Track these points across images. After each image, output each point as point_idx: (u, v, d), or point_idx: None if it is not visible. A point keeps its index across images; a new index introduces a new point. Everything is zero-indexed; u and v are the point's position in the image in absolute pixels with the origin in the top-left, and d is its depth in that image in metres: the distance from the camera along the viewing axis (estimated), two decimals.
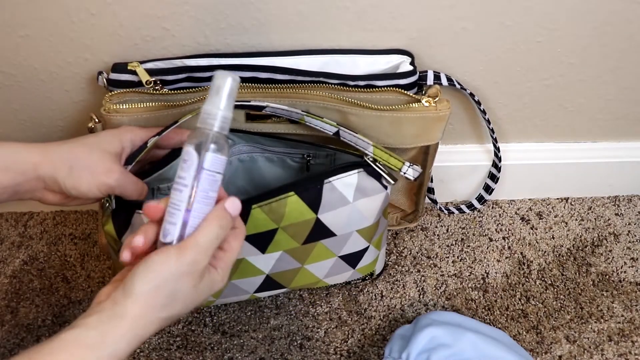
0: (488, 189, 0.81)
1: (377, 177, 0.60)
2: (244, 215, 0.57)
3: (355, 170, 0.59)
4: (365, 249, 0.66)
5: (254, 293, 0.68)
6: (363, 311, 0.75)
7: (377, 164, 0.59)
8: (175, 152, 0.61)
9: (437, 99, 0.62)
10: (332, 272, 0.68)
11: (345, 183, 0.59)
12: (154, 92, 0.61)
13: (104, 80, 0.62)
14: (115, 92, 0.61)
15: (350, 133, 0.59)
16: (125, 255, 0.45)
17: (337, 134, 0.60)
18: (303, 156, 0.67)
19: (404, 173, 0.60)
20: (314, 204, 0.58)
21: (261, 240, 0.60)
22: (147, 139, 0.56)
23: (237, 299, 0.69)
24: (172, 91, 0.61)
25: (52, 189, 0.52)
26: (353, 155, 0.62)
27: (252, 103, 0.58)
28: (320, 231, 0.61)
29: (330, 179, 0.58)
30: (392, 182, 0.60)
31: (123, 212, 0.56)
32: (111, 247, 0.59)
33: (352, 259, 0.67)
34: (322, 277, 0.68)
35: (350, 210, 0.60)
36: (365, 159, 0.59)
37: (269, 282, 0.66)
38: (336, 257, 0.65)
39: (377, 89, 0.62)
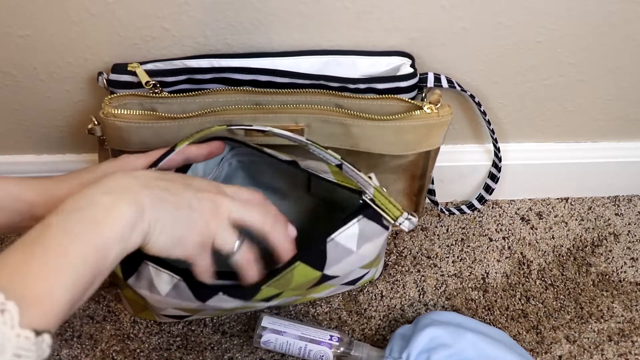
0: (488, 189, 0.81)
1: (378, 219, 0.57)
2: (252, 294, 0.56)
3: (355, 220, 0.56)
4: (367, 272, 0.67)
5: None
6: (363, 311, 0.75)
7: (375, 204, 0.57)
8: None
9: (438, 105, 0.62)
10: (333, 292, 0.69)
11: (348, 235, 0.57)
12: (154, 95, 0.61)
13: (104, 81, 0.62)
14: (115, 95, 0.61)
15: (352, 169, 0.57)
16: None
17: (340, 166, 0.57)
18: (304, 179, 0.67)
19: (400, 224, 0.57)
20: (319, 264, 0.57)
21: (266, 301, 0.59)
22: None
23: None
24: (172, 94, 0.61)
25: None
26: (349, 191, 0.59)
27: (254, 127, 0.57)
28: (325, 280, 0.60)
29: (333, 236, 0.56)
30: (392, 221, 0.57)
31: (131, 257, 0.51)
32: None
33: (354, 282, 0.67)
34: (324, 297, 0.70)
35: (355, 257, 0.59)
36: (364, 197, 0.57)
37: (273, 306, 0.68)
38: (338, 285, 0.66)
39: (377, 97, 0.62)
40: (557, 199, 0.87)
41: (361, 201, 0.57)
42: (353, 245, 0.57)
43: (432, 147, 0.65)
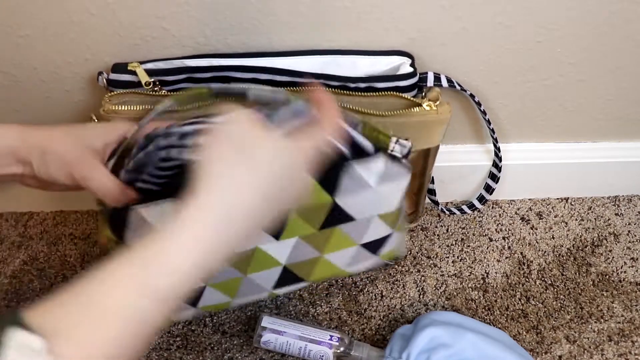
0: (489, 189, 0.81)
1: (399, 159, 0.54)
2: None
3: (381, 157, 0.53)
4: (389, 235, 0.62)
5: (272, 290, 0.63)
6: (363, 311, 0.75)
7: (399, 140, 0.53)
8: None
9: (437, 102, 0.62)
10: (354, 262, 0.63)
11: (370, 168, 0.53)
12: (154, 93, 0.61)
13: (104, 80, 0.62)
14: (115, 92, 0.61)
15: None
16: None
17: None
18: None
19: (392, 150, 0.54)
20: (332, 186, 0.53)
21: (274, 225, 0.54)
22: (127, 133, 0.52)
23: (255, 297, 0.64)
24: (172, 93, 0.61)
25: (30, 174, 0.50)
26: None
27: (233, 86, 0.53)
28: (337, 215, 0.56)
29: (352, 162, 0.52)
30: (387, 148, 0.53)
31: (117, 211, 0.52)
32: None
33: (375, 246, 0.62)
34: (343, 267, 0.63)
35: (372, 194, 0.55)
36: (391, 144, 0.53)
37: (288, 276, 0.61)
38: (357, 246, 0.61)
39: (378, 93, 0.62)
40: (557, 199, 0.87)
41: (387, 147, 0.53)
42: (372, 180, 0.54)
43: (432, 144, 0.65)
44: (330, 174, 0.52)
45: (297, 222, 0.56)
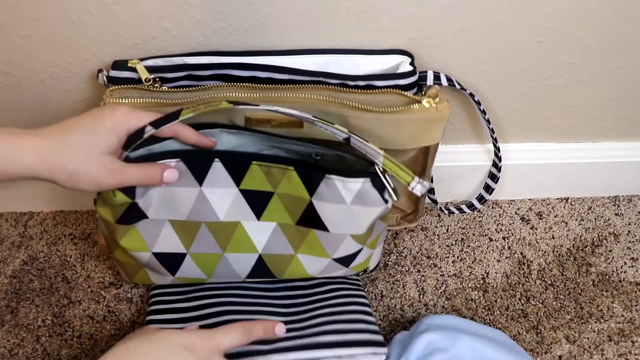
0: (488, 189, 0.81)
1: (381, 190, 0.58)
2: (243, 168, 0.58)
3: (361, 179, 0.57)
4: (359, 250, 0.66)
5: (245, 279, 0.67)
6: None
7: (386, 175, 0.58)
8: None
9: (437, 99, 0.62)
10: (324, 272, 0.67)
11: (347, 186, 0.58)
12: (154, 89, 0.61)
13: (104, 78, 0.62)
14: (116, 87, 0.61)
15: (360, 140, 0.57)
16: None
17: (347, 139, 0.58)
18: (311, 155, 0.65)
19: (412, 189, 0.58)
20: (310, 187, 0.59)
21: (257, 201, 0.60)
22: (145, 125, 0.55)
23: (228, 279, 0.68)
24: (172, 89, 0.61)
25: (52, 182, 0.52)
26: (362, 160, 0.60)
27: (261, 107, 0.56)
28: (313, 218, 0.60)
29: (333, 176, 0.57)
30: (395, 198, 0.59)
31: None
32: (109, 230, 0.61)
33: (346, 260, 0.67)
34: (314, 274, 0.67)
35: (345, 210, 0.59)
36: (375, 168, 0.58)
37: (261, 267, 0.65)
38: (330, 259, 0.65)
39: (377, 90, 0.62)
40: (557, 199, 0.87)
41: (373, 169, 0.58)
42: (348, 197, 0.58)
43: (431, 142, 0.65)
44: (312, 177, 0.58)
45: (277, 206, 0.60)
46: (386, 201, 0.59)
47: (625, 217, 0.85)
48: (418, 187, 0.57)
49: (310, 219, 0.61)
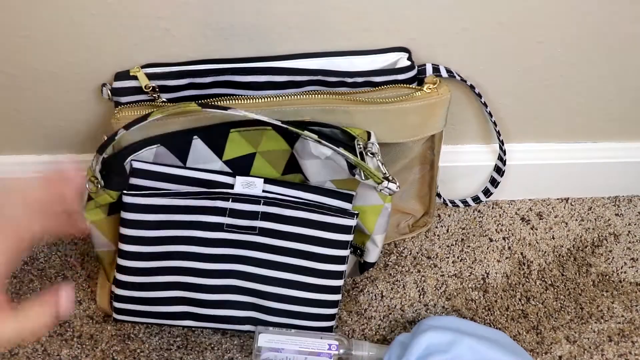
0: (494, 182, 0.81)
1: (350, 165, 0.60)
2: (223, 139, 0.62)
3: (334, 146, 0.59)
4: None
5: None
6: (363, 311, 0.75)
7: (365, 153, 0.60)
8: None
9: (436, 84, 0.63)
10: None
11: (319, 149, 0.60)
12: (155, 103, 0.62)
13: (108, 91, 0.63)
14: (121, 107, 0.63)
15: (330, 146, 0.59)
16: None
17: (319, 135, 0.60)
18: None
19: (380, 190, 0.60)
20: (290, 140, 0.62)
21: (241, 165, 0.63)
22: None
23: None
24: (170, 103, 0.62)
25: None
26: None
27: (228, 112, 0.58)
28: (296, 166, 0.64)
29: (308, 135, 0.59)
30: (377, 184, 0.59)
31: (114, 176, 0.60)
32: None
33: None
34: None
35: (323, 163, 0.62)
36: (357, 144, 0.61)
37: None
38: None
39: (377, 88, 0.63)
40: (557, 199, 0.87)
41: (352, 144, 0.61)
42: (321, 157, 0.61)
43: (436, 130, 0.66)
44: (290, 132, 0.61)
45: (262, 164, 0.64)
46: (353, 174, 0.60)
47: (626, 217, 0.85)
48: (390, 186, 0.60)
49: (294, 167, 0.65)
